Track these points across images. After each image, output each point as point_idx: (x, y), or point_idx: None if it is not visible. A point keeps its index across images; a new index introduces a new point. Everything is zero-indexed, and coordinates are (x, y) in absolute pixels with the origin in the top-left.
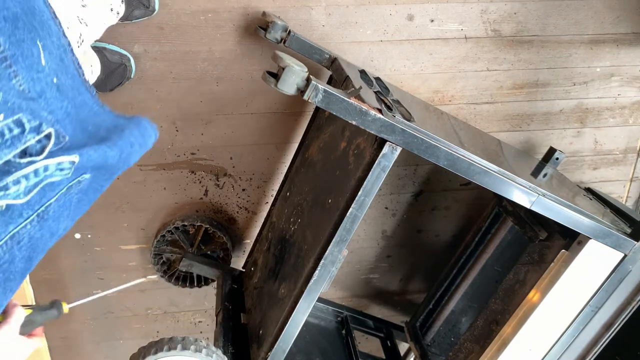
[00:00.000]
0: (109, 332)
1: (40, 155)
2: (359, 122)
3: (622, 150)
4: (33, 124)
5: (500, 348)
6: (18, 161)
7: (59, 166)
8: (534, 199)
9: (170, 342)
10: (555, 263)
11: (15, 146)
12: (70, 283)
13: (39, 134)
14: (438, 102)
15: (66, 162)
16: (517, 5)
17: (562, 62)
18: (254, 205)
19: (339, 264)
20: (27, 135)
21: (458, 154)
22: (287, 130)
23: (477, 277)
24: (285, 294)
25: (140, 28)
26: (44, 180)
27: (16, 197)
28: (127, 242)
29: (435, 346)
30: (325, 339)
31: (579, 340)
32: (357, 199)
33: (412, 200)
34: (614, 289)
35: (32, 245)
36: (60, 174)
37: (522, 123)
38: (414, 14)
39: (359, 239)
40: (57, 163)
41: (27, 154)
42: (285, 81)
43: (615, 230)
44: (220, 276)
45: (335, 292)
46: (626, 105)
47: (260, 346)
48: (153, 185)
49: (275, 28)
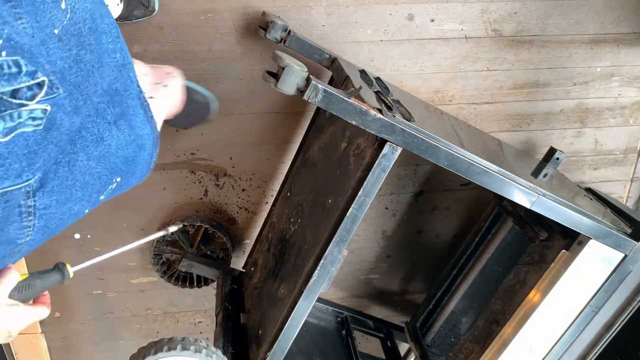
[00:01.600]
0: (109, 333)
1: (31, 101)
2: (359, 122)
3: (623, 151)
4: (29, 68)
5: (500, 348)
6: (9, 100)
7: (30, 114)
8: (534, 199)
9: (170, 343)
10: (555, 263)
11: (10, 83)
12: (70, 283)
13: (33, 79)
14: (438, 102)
15: (38, 111)
16: (517, 5)
17: (563, 62)
18: (254, 205)
19: (339, 264)
20: (22, 77)
21: (458, 154)
22: (287, 130)
23: (478, 277)
24: (284, 294)
25: (140, 28)
26: (18, 127)
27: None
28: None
29: (436, 346)
30: (325, 339)
31: (580, 340)
32: (357, 199)
33: (412, 200)
34: (615, 289)
35: (46, 215)
36: (32, 123)
37: (522, 123)
38: (414, 13)
39: (359, 239)
40: (29, 111)
41: (18, 96)
42: (285, 81)
43: (616, 230)
44: (220, 276)
45: (335, 292)
46: (626, 105)
47: (259, 346)
48: (153, 185)
49: (275, 28)
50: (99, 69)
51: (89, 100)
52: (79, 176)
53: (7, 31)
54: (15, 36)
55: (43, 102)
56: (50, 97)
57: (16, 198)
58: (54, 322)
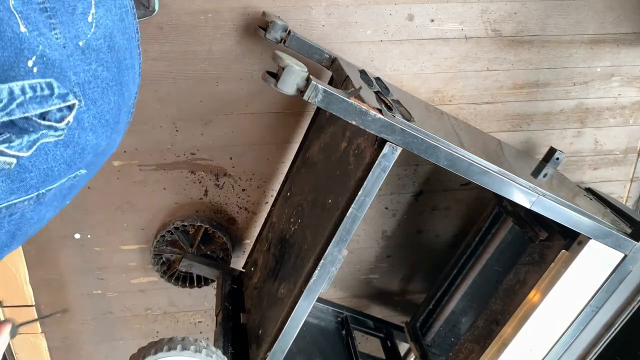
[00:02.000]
0: (109, 332)
1: (59, 124)
2: (359, 122)
3: (623, 151)
4: (62, 91)
5: (500, 348)
6: (38, 122)
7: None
8: (534, 199)
9: (170, 343)
10: (555, 263)
11: (41, 106)
12: (70, 283)
13: (64, 102)
14: (438, 102)
15: (62, 124)
16: (517, 5)
17: (563, 62)
18: (254, 205)
19: (339, 264)
20: (54, 99)
21: (458, 154)
22: (287, 130)
23: (477, 277)
24: (284, 294)
25: (140, 28)
26: (41, 138)
27: (20, 149)
28: (127, 242)
29: (436, 346)
30: (325, 339)
31: (579, 340)
32: (357, 199)
33: (412, 200)
34: (614, 289)
35: (21, 223)
36: (54, 134)
37: (522, 123)
38: (414, 13)
39: (359, 239)
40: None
41: (47, 118)
42: (285, 81)
43: (616, 230)
44: (220, 276)
45: (335, 292)
46: (626, 105)
47: (259, 346)
48: (153, 185)
49: (275, 28)
50: (112, 87)
51: (103, 118)
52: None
53: (41, 47)
54: (48, 52)
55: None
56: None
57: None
58: (54, 322)
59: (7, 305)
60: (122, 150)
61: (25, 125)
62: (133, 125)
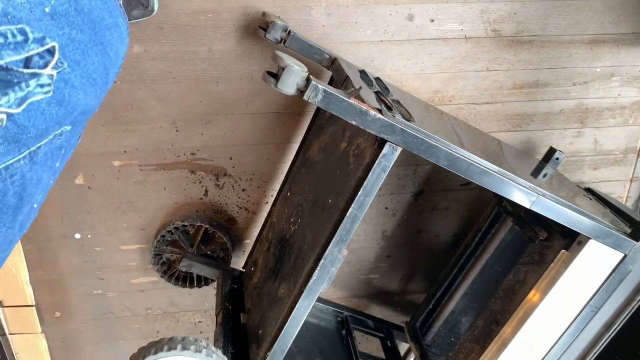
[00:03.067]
0: (109, 332)
1: (44, 69)
2: (359, 122)
3: (622, 151)
4: (37, 35)
5: (500, 348)
6: (22, 71)
7: (38, 81)
8: (533, 199)
9: (170, 342)
10: (555, 263)
11: (18, 52)
12: (70, 283)
13: (42, 45)
14: (438, 102)
15: (45, 77)
16: (517, 5)
17: (562, 62)
18: (254, 205)
19: (339, 264)
20: (31, 44)
21: (458, 154)
22: (287, 130)
23: (477, 277)
24: (284, 293)
25: (140, 28)
26: (29, 96)
27: (9, 106)
28: (127, 242)
29: (436, 346)
30: (325, 339)
31: (579, 340)
32: (357, 199)
33: (412, 200)
34: (614, 289)
35: (24, 184)
36: (40, 90)
37: (522, 123)
38: (414, 14)
39: (359, 239)
40: (37, 78)
41: (30, 65)
42: (285, 81)
43: (615, 230)
44: (220, 276)
45: (335, 292)
46: (626, 105)
47: (259, 346)
48: (153, 185)
49: (275, 28)
50: (92, 48)
51: (91, 78)
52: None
53: (2, 6)
54: (12, 10)
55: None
56: (58, 71)
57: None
58: (54, 322)
59: (7, 305)
60: (122, 150)
61: (8, 77)
62: (133, 125)
